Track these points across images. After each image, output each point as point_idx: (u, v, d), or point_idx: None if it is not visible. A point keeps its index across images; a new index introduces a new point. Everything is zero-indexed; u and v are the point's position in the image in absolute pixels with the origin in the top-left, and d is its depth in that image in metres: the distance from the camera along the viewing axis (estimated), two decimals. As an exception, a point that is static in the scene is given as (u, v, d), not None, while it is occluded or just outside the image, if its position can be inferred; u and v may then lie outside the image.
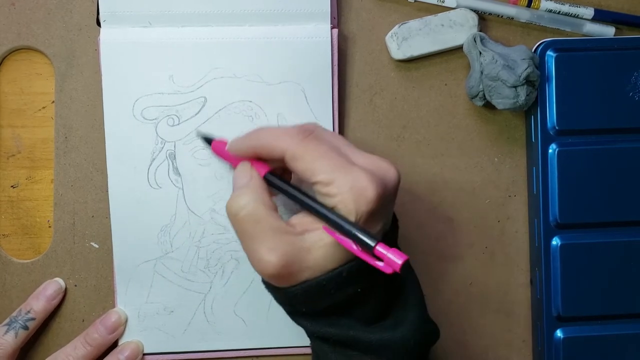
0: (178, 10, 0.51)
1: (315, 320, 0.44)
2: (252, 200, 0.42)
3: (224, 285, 0.53)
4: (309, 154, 0.41)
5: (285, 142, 0.42)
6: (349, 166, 0.41)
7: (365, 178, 0.40)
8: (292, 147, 0.42)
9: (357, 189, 0.40)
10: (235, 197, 0.43)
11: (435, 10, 0.54)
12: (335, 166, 0.41)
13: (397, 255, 0.39)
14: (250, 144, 0.45)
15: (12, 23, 0.53)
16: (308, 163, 0.41)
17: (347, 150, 0.43)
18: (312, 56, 0.52)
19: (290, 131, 0.43)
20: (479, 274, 0.55)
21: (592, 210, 0.53)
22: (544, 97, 0.53)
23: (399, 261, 0.39)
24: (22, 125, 0.54)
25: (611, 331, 0.53)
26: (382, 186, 0.41)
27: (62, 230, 0.53)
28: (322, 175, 0.41)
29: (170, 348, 0.53)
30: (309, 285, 0.42)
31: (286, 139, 0.42)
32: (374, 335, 0.43)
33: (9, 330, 0.50)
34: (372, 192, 0.40)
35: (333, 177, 0.41)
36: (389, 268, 0.39)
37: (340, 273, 0.41)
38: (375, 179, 0.41)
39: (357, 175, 0.41)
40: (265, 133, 0.44)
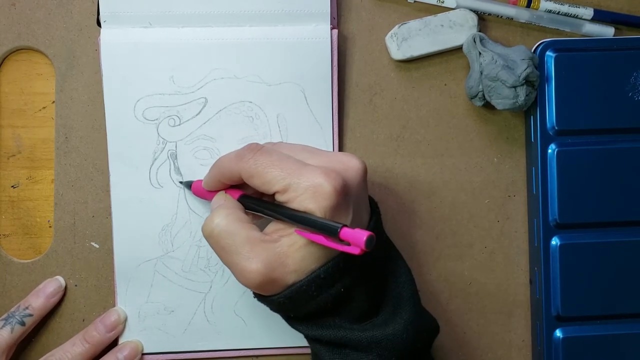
0: (178, 11, 0.51)
1: (307, 324, 0.45)
2: (224, 216, 0.44)
3: (224, 284, 0.53)
4: (260, 168, 0.43)
5: (239, 164, 0.44)
6: (301, 168, 0.42)
7: (318, 175, 0.41)
8: (245, 167, 0.44)
9: (313, 188, 0.41)
10: (208, 219, 0.45)
11: (435, 10, 0.54)
12: (287, 172, 0.42)
13: (360, 232, 0.40)
14: (213, 175, 0.47)
15: (13, 23, 0.53)
16: (262, 177, 0.43)
17: (306, 155, 0.44)
18: (312, 57, 0.52)
19: (241, 152, 0.44)
20: (479, 274, 0.55)
21: (592, 210, 0.53)
22: (543, 97, 0.53)
23: (362, 237, 0.39)
24: (23, 126, 0.54)
25: (611, 331, 0.53)
26: (338, 179, 0.42)
27: (62, 230, 0.53)
28: (277, 184, 0.42)
29: (170, 348, 0.53)
30: (291, 291, 0.42)
31: (238, 160, 0.44)
32: (364, 333, 0.43)
33: (5, 325, 0.50)
34: (329, 186, 0.41)
35: (288, 183, 0.42)
36: (357, 248, 0.40)
37: (318, 275, 0.42)
38: (330, 174, 0.42)
39: (311, 175, 0.42)
40: (222, 161, 0.46)
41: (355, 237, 0.40)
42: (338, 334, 0.43)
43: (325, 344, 0.44)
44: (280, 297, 0.43)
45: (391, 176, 0.54)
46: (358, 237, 0.39)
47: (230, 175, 0.45)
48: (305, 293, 0.42)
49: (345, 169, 0.43)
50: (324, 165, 0.43)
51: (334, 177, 0.42)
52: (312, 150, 0.46)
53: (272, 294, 0.43)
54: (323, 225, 0.41)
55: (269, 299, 0.44)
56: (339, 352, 0.44)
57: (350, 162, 0.44)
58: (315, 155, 0.44)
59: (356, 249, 0.40)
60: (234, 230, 0.43)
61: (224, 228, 0.44)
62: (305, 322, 0.45)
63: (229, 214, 0.44)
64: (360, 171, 0.44)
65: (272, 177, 0.42)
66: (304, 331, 0.45)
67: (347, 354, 0.44)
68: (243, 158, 0.44)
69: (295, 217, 0.42)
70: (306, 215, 0.41)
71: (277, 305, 0.44)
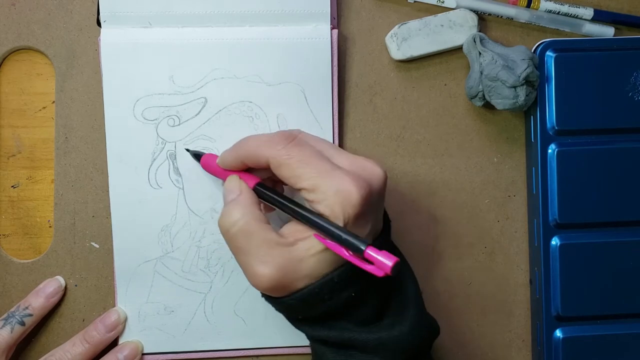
0: (178, 11, 0.51)
1: (313, 326, 0.44)
2: (242, 215, 0.43)
3: (224, 285, 0.53)
4: (292, 160, 0.42)
5: (269, 150, 0.43)
6: (332, 171, 0.41)
7: (349, 181, 0.41)
8: (276, 155, 0.42)
9: (342, 193, 0.40)
10: (226, 213, 0.44)
11: (435, 10, 0.54)
12: (318, 172, 0.41)
13: (387, 257, 0.39)
14: (236, 155, 0.45)
15: (13, 23, 0.53)
16: (292, 170, 0.42)
17: (332, 153, 0.44)
18: (312, 57, 0.52)
19: (273, 138, 0.43)
20: (479, 274, 0.55)
21: (592, 210, 0.53)
22: (543, 97, 0.53)
23: (389, 263, 0.39)
24: (23, 126, 0.54)
25: (610, 331, 0.53)
26: (367, 188, 0.41)
27: (62, 230, 0.53)
28: (306, 181, 0.41)
29: (170, 348, 0.53)
30: (302, 294, 0.42)
31: (270, 146, 0.43)
32: (370, 335, 0.43)
33: (5, 325, 0.51)
34: (357, 194, 0.40)
35: (317, 183, 0.41)
36: (380, 271, 0.39)
37: (332, 279, 0.42)
38: (360, 181, 0.41)
39: (341, 179, 0.41)
40: (250, 142, 0.45)
41: (380, 261, 0.39)
42: (344, 335, 0.43)
43: (331, 345, 0.44)
44: (292, 300, 0.42)
45: (391, 176, 0.54)
46: (384, 261, 0.39)
47: (256, 159, 0.44)
48: (317, 296, 0.42)
49: (371, 177, 0.42)
50: (349, 169, 0.42)
51: (362, 186, 0.41)
52: (336, 147, 0.45)
53: (281, 296, 0.43)
54: (347, 240, 0.40)
55: (279, 301, 0.43)
56: (344, 353, 0.44)
57: (375, 170, 0.43)
58: (341, 157, 0.43)
59: (380, 272, 0.39)
60: (251, 232, 0.42)
61: (241, 227, 0.43)
62: (311, 324, 0.44)
63: (246, 213, 0.43)
64: (383, 180, 0.43)
65: (302, 172, 0.41)
66: (309, 332, 0.45)
67: (353, 354, 0.43)
68: (275, 145, 0.42)
69: (317, 224, 0.41)
70: (329, 225, 0.41)
71: (287, 307, 0.43)
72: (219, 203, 0.52)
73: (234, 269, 0.53)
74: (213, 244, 0.52)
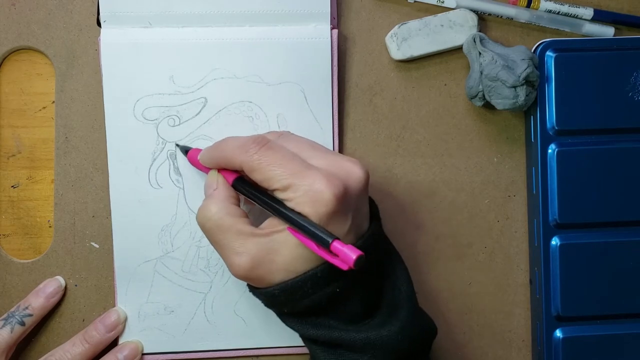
0: (178, 11, 0.51)
1: (300, 322, 0.45)
2: (216, 211, 0.44)
3: (224, 284, 0.53)
4: (263, 164, 0.43)
5: (241, 156, 0.44)
6: (304, 170, 0.42)
7: (320, 180, 0.41)
8: (247, 160, 0.43)
9: (313, 192, 0.41)
10: (201, 209, 0.45)
11: (434, 10, 0.54)
12: (290, 172, 0.42)
13: (351, 251, 0.40)
14: (213, 156, 0.47)
15: (13, 23, 0.53)
16: (263, 173, 0.43)
17: (312, 153, 0.44)
18: (312, 56, 0.52)
19: (245, 143, 0.44)
20: (479, 274, 0.55)
21: (592, 210, 0.53)
22: (543, 97, 0.53)
23: (352, 256, 0.39)
24: (23, 126, 0.54)
25: (611, 331, 0.53)
26: (340, 187, 0.42)
27: (62, 230, 0.53)
28: (278, 182, 0.42)
29: (170, 348, 0.53)
30: (286, 285, 0.43)
31: (242, 151, 0.44)
32: (358, 334, 0.43)
33: (5, 325, 0.51)
34: (329, 193, 0.41)
35: (289, 183, 0.42)
36: (345, 265, 0.40)
37: (315, 274, 0.43)
38: (333, 181, 0.41)
39: (313, 179, 0.41)
40: (225, 146, 0.46)
41: (345, 254, 0.40)
42: (333, 334, 0.44)
43: (321, 344, 0.45)
44: (276, 289, 0.43)
45: (391, 176, 0.54)
46: (348, 254, 0.40)
47: (231, 163, 0.45)
48: (301, 289, 0.43)
49: (347, 176, 0.43)
50: (327, 168, 0.43)
51: (335, 185, 0.41)
52: (318, 148, 0.45)
53: (262, 287, 0.44)
54: (315, 233, 0.41)
55: (263, 291, 0.44)
56: (333, 352, 0.44)
57: (353, 170, 0.44)
58: (320, 155, 0.44)
59: (344, 265, 0.40)
60: (225, 226, 0.44)
61: (215, 222, 0.44)
62: (299, 320, 0.45)
63: (220, 208, 0.44)
64: (362, 180, 0.44)
65: (274, 174, 0.42)
66: (299, 330, 0.45)
67: (342, 354, 0.44)
68: (247, 151, 0.43)
69: (289, 218, 0.42)
70: (300, 219, 0.41)
71: (271, 297, 0.44)
72: (219, 203, 0.52)
73: (234, 269, 0.53)
74: (213, 244, 0.53)
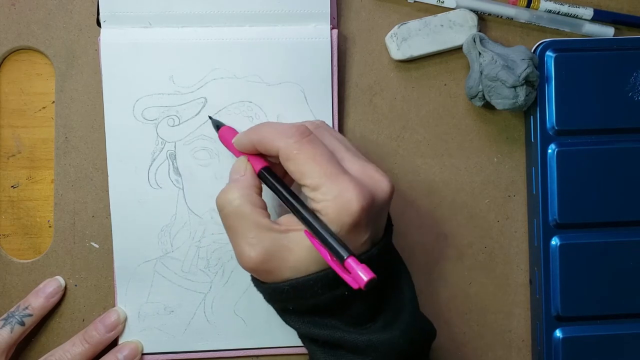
0: (178, 11, 0.51)
1: (303, 320, 0.44)
2: (238, 196, 0.43)
3: (224, 285, 0.53)
4: (301, 156, 0.42)
5: (281, 141, 0.43)
6: (338, 174, 0.41)
7: (351, 189, 0.41)
8: (286, 148, 0.42)
9: (342, 200, 0.41)
10: (223, 191, 0.44)
11: (434, 10, 0.54)
12: (324, 173, 0.41)
13: (365, 272, 0.39)
14: (250, 139, 0.45)
15: (13, 23, 0.53)
16: (299, 165, 0.42)
17: (345, 155, 0.44)
18: (312, 56, 0.52)
19: (288, 130, 0.43)
20: (479, 274, 0.55)
21: (591, 210, 0.53)
22: (543, 97, 0.53)
23: (364, 278, 0.39)
24: (23, 126, 0.54)
25: (610, 331, 0.53)
26: (368, 199, 0.41)
27: (62, 230, 0.53)
28: (310, 179, 0.41)
29: (170, 348, 0.53)
30: (297, 282, 0.42)
31: (282, 138, 0.43)
32: (361, 337, 0.43)
33: (4, 325, 0.51)
34: (357, 204, 0.41)
35: (320, 183, 0.41)
36: (355, 283, 0.39)
37: (327, 275, 0.42)
38: (363, 192, 0.41)
39: (345, 186, 0.41)
40: (265, 130, 0.45)
41: (358, 274, 0.39)
42: (335, 335, 0.43)
43: (321, 344, 0.44)
44: (285, 285, 0.43)
45: (391, 176, 0.54)
46: (361, 276, 0.39)
47: (268, 147, 0.44)
48: (311, 288, 0.42)
49: (375, 188, 0.42)
50: (358, 175, 0.42)
51: (365, 196, 0.41)
52: (351, 149, 0.45)
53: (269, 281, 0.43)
54: (332, 245, 0.40)
55: (271, 286, 0.43)
56: (334, 353, 0.44)
57: (382, 183, 0.43)
58: (353, 159, 0.44)
59: (354, 284, 0.40)
60: (244, 214, 0.43)
61: (235, 207, 0.43)
62: (302, 319, 0.44)
63: (243, 195, 0.43)
64: (388, 195, 0.43)
65: (308, 170, 0.41)
66: (300, 328, 0.45)
67: (343, 355, 0.44)
68: (288, 138, 0.42)
69: (308, 222, 0.41)
70: (319, 226, 0.41)
71: (279, 293, 0.43)
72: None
73: (233, 269, 0.53)
74: (213, 244, 0.52)
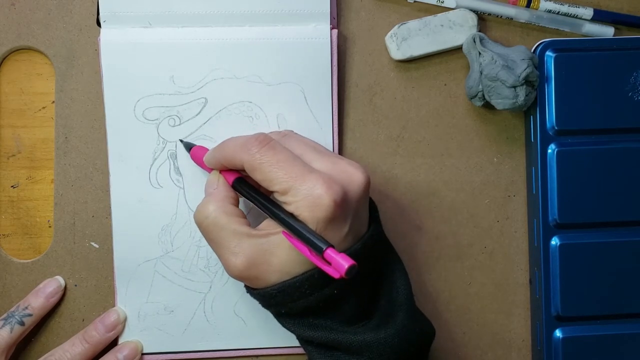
0: (178, 11, 0.51)
1: (297, 323, 0.45)
2: (214, 209, 0.44)
3: (224, 285, 0.53)
4: (265, 164, 0.43)
5: (243, 155, 0.44)
6: (305, 174, 0.42)
7: (319, 185, 0.41)
8: (249, 159, 0.43)
9: (312, 197, 0.41)
10: (199, 207, 0.45)
11: (434, 10, 0.54)
12: (291, 175, 0.42)
13: (344, 259, 0.40)
14: (216, 157, 0.47)
15: (12, 23, 0.53)
16: (265, 173, 0.43)
17: (313, 156, 0.44)
18: (312, 57, 0.52)
19: (247, 142, 0.44)
20: (479, 274, 0.55)
21: (591, 210, 0.53)
22: (543, 97, 0.53)
23: (344, 265, 0.39)
24: (23, 126, 0.54)
25: (611, 331, 0.53)
26: (340, 192, 0.41)
27: (62, 230, 0.53)
28: (277, 185, 0.42)
29: (170, 348, 0.53)
30: (284, 285, 0.43)
31: (244, 150, 0.44)
32: (355, 336, 0.43)
33: (4, 325, 0.51)
34: (328, 198, 0.41)
35: (288, 186, 0.42)
36: (337, 273, 0.40)
37: (313, 275, 0.42)
38: (333, 186, 0.41)
39: (313, 184, 0.41)
40: (227, 146, 0.46)
41: (337, 262, 0.40)
42: (329, 336, 0.43)
43: (317, 345, 0.45)
44: (273, 289, 0.43)
45: (391, 176, 0.54)
46: (340, 263, 0.40)
47: (232, 162, 0.45)
48: (298, 289, 0.43)
49: (348, 181, 0.43)
50: (328, 172, 0.43)
51: (335, 190, 0.41)
52: (320, 150, 0.45)
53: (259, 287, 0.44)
54: (309, 239, 0.41)
55: (260, 291, 0.44)
56: (330, 354, 0.44)
57: (355, 175, 0.43)
58: (322, 158, 0.44)
59: (335, 273, 0.40)
60: (222, 225, 0.44)
61: (212, 221, 0.44)
62: (296, 321, 0.45)
63: (217, 207, 0.45)
64: (363, 185, 0.43)
65: (274, 176, 0.42)
66: (295, 331, 0.45)
67: (338, 356, 0.44)
68: (249, 150, 0.43)
69: (285, 221, 0.42)
70: (295, 223, 0.41)
71: (269, 297, 0.44)
72: (219, 203, 0.52)
73: (234, 269, 0.53)
74: (213, 244, 0.53)
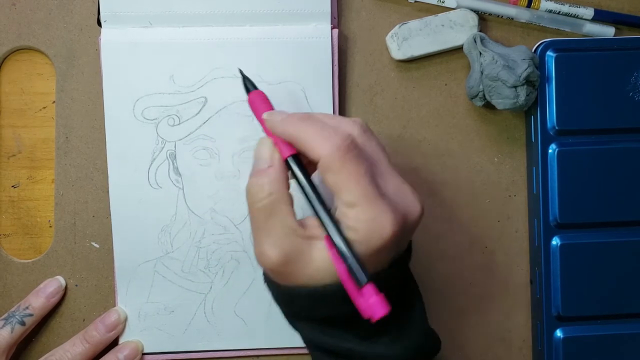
0: (178, 11, 0.51)
1: (312, 328, 0.43)
2: (270, 193, 0.41)
3: (224, 285, 0.53)
4: (344, 172, 0.40)
5: (325, 150, 0.40)
6: (376, 198, 0.40)
7: (388, 215, 0.40)
8: (329, 159, 0.40)
9: (376, 224, 0.39)
10: (256, 184, 0.42)
11: (435, 10, 0.54)
12: (363, 193, 0.40)
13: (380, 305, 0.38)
14: (287, 132, 0.42)
15: (13, 23, 0.53)
16: (338, 180, 0.40)
17: (384, 169, 0.42)
18: (313, 56, 0.52)
19: (334, 138, 0.40)
20: (479, 274, 0.55)
21: (592, 210, 0.53)
22: (543, 97, 0.53)
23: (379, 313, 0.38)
24: (23, 125, 0.54)
25: (611, 331, 0.53)
26: (401, 224, 0.40)
27: (62, 230, 0.53)
28: (347, 196, 0.40)
29: (170, 348, 0.53)
30: (315, 290, 0.41)
31: (327, 146, 0.40)
32: (370, 349, 0.42)
33: (5, 325, 0.51)
34: (389, 231, 0.39)
35: (357, 203, 0.40)
36: (367, 312, 0.39)
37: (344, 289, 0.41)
38: (397, 218, 0.40)
39: (381, 210, 0.40)
40: (308, 129, 0.41)
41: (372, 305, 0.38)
42: (344, 345, 0.42)
43: (328, 352, 0.43)
44: (302, 291, 0.41)
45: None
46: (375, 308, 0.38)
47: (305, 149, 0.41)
48: (329, 299, 0.41)
49: (408, 211, 0.41)
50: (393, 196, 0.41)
51: (398, 222, 0.40)
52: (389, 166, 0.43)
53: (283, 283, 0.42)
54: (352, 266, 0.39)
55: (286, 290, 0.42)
56: None
57: (414, 207, 0.42)
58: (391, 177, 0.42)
59: (365, 312, 0.39)
60: (274, 213, 0.41)
61: (265, 205, 0.41)
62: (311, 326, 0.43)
63: (274, 191, 0.41)
64: (418, 218, 0.42)
65: (347, 187, 0.40)
66: (308, 335, 0.44)
67: None
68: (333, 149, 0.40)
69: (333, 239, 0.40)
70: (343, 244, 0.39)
71: (295, 297, 0.42)
72: (219, 203, 0.52)
73: (234, 270, 0.53)
74: (213, 245, 0.52)
